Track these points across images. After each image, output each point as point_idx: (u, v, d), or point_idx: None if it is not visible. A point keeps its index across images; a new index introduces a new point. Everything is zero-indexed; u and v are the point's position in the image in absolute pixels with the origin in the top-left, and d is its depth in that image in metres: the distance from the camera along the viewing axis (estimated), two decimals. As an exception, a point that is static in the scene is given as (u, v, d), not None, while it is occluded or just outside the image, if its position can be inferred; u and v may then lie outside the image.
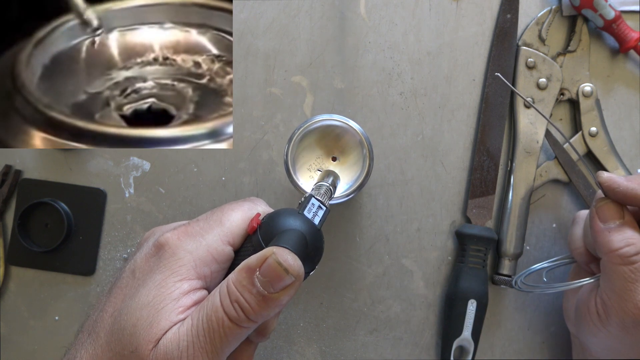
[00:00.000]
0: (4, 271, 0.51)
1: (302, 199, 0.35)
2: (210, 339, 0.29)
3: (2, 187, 0.51)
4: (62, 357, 0.34)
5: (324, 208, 0.35)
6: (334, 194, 0.38)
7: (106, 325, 0.32)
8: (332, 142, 0.43)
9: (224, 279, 0.32)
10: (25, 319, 0.51)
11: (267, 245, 0.32)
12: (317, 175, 0.42)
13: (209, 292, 0.32)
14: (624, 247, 0.37)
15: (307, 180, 0.42)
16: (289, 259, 0.30)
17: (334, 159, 0.43)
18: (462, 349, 0.49)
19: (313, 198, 0.35)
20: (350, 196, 0.41)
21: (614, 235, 0.37)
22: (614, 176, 0.39)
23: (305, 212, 0.34)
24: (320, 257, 0.35)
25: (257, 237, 0.33)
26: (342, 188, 0.42)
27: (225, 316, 0.29)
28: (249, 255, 0.31)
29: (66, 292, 0.51)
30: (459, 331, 0.48)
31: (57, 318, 0.51)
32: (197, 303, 0.32)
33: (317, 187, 0.37)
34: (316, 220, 0.34)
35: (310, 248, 0.33)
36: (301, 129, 0.42)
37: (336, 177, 0.39)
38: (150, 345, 0.30)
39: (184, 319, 0.31)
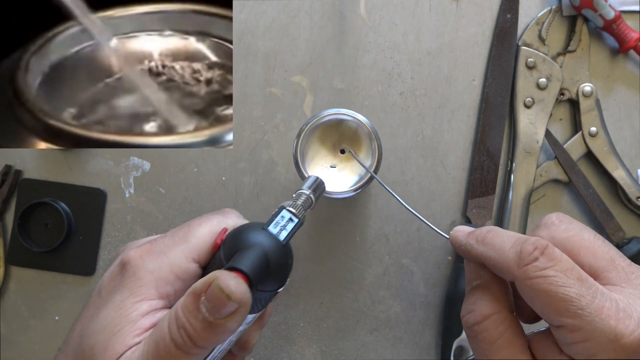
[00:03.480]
0: (4, 271, 0.51)
1: (276, 209, 0.33)
2: None
3: (2, 187, 0.51)
4: None
5: (295, 220, 0.32)
6: (314, 203, 0.36)
7: (73, 344, 0.32)
8: (340, 136, 0.43)
9: None
10: (25, 319, 0.51)
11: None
12: (327, 169, 0.42)
13: None
14: (465, 315, 0.33)
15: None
16: (231, 284, 0.27)
17: (342, 152, 0.43)
18: (462, 349, 0.49)
19: (284, 210, 0.33)
20: (358, 190, 0.42)
21: (465, 300, 0.34)
22: (458, 232, 0.35)
23: (271, 227, 0.32)
24: (287, 273, 0.33)
25: (219, 254, 0.32)
26: (352, 181, 0.42)
27: (172, 343, 0.28)
28: None
29: (66, 292, 0.51)
30: (459, 331, 0.48)
31: (57, 318, 0.51)
32: (156, 324, 0.31)
33: (297, 196, 0.35)
34: (282, 235, 0.32)
35: (274, 265, 0.31)
36: (310, 124, 0.42)
37: (320, 185, 0.37)
38: None
39: (140, 342, 0.30)
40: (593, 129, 0.50)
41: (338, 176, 0.42)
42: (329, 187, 0.39)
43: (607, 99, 0.51)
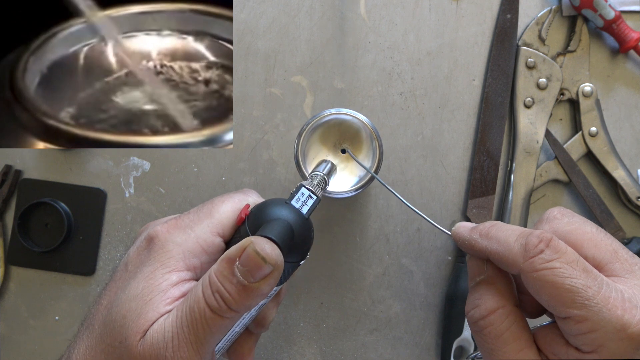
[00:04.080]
0: (4, 271, 0.51)
1: (294, 188, 0.35)
2: (193, 329, 0.30)
3: (2, 187, 0.51)
4: (65, 349, 0.35)
5: (314, 197, 0.35)
6: (328, 183, 0.38)
7: (100, 317, 0.33)
8: (341, 135, 0.43)
9: None
10: (25, 319, 0.51)
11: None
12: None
13: None
14: (470, 310, 0.33)
15: None
16: (266, 247, 0.29)
17: (343, 152, 0.43)
18: (462, 349, 0.49)
19: (303, 187, 0.35)
20: (359, 190, 0.42)
21: (469, 296, 0.34)
22: (461, 228, 0.36)
23: (293, 202, 0.34)
24: (309, 246, 0.35)
25: (244, 227, 0.33)
26: (353, 181, 0.42)
27: (207, 307, 0.29)
28: None
29: (66, 292, 0.51)
30: (459, 331, 0.48)
31: (57, 318, 0.51)
32: (185, 294, 0.32)
33: (312, 176, 0.37)
34: (304, 210, 0.34)
35: (298, 237, 0.33)
36: (311, 123, 0.42)
37: (332, 167, 0.39)
38: (138, 336, 0.30)
39: (171, 310, 0.31)
40: (593, 129, 0.50)
41: (339, 176, 0.42)
42: (329, 187, 0.40)
43: (607, 99, 0.51)
